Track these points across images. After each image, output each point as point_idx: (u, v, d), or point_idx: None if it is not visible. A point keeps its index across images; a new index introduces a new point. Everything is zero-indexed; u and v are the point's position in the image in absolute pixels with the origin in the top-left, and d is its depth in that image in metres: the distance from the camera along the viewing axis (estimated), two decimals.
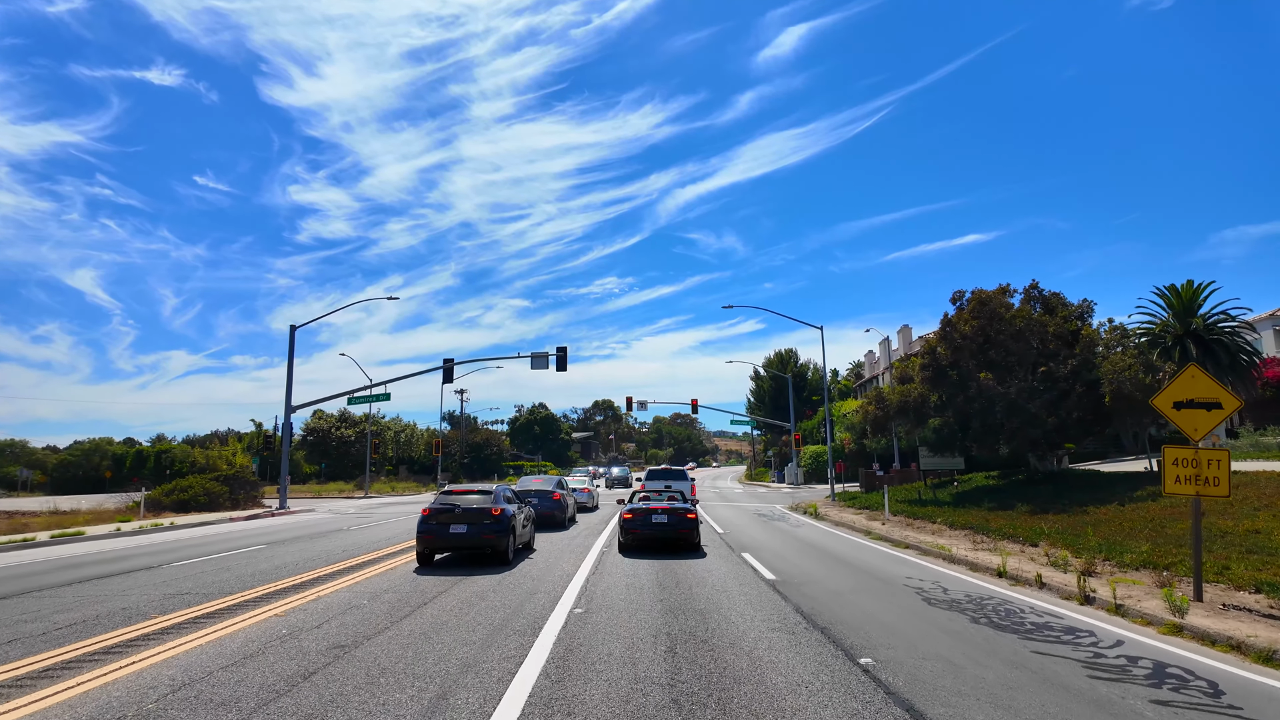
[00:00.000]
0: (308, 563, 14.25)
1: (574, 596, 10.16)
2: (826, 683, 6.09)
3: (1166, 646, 7.80)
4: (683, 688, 5.88)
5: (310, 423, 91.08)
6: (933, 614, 9.25)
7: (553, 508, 21.00)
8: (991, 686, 6.11)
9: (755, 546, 17.06)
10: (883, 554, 16.05)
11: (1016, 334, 28.13)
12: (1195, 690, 6.21)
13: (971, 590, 11.23)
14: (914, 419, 30.99)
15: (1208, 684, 6.41)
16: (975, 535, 19.22)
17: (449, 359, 35.31)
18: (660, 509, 16.93)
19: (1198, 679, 6.56)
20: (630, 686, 5.91)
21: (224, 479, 34.52)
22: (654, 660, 6.72)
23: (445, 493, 13.97)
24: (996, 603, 10.16)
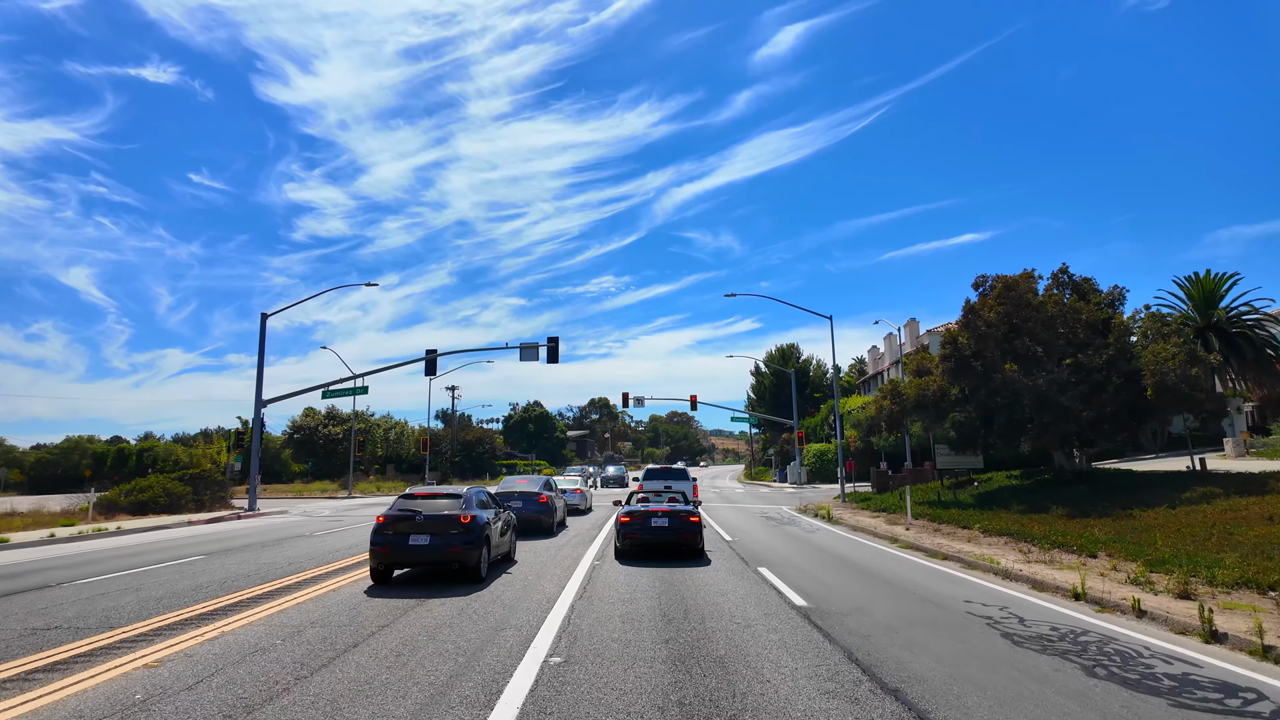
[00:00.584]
0: (240, 580, 11.89)
1: (553, 634, 7.83)
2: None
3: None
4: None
5: (297, 420, 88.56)
6: (1029, 661, 6.95)
7: (539, 511, 18.67)
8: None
9: (771, 557, 14.74)
10: (921, 567, 13.74)
11: (1047, 321, 25.87)
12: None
13: (1056, 621, 8.93)
14: (933, 414, 28.71)
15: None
16: (1018, 543, 16.95)
17: (432, 350, 32.97)
18: (660, 511, 14.97)
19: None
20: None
21: (189, 478, 32.08)
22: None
23: (406, 496, 11.63)
24: (1098, 641, 7.86)
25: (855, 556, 15.18)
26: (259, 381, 32.24)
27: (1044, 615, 9.25)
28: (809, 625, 8.34)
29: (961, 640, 7.76)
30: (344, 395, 33.96)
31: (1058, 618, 9.13)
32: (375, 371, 35.16)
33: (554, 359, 32.63)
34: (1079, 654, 7.27)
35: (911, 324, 60.63)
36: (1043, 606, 9.89)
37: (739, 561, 14.08)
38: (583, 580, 11.64)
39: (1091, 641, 7.84)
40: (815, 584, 11.35)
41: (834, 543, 17.99)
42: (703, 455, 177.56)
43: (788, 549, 16.42)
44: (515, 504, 18.65)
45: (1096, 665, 6.85)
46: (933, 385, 28.05)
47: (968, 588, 11.39)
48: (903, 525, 22.10)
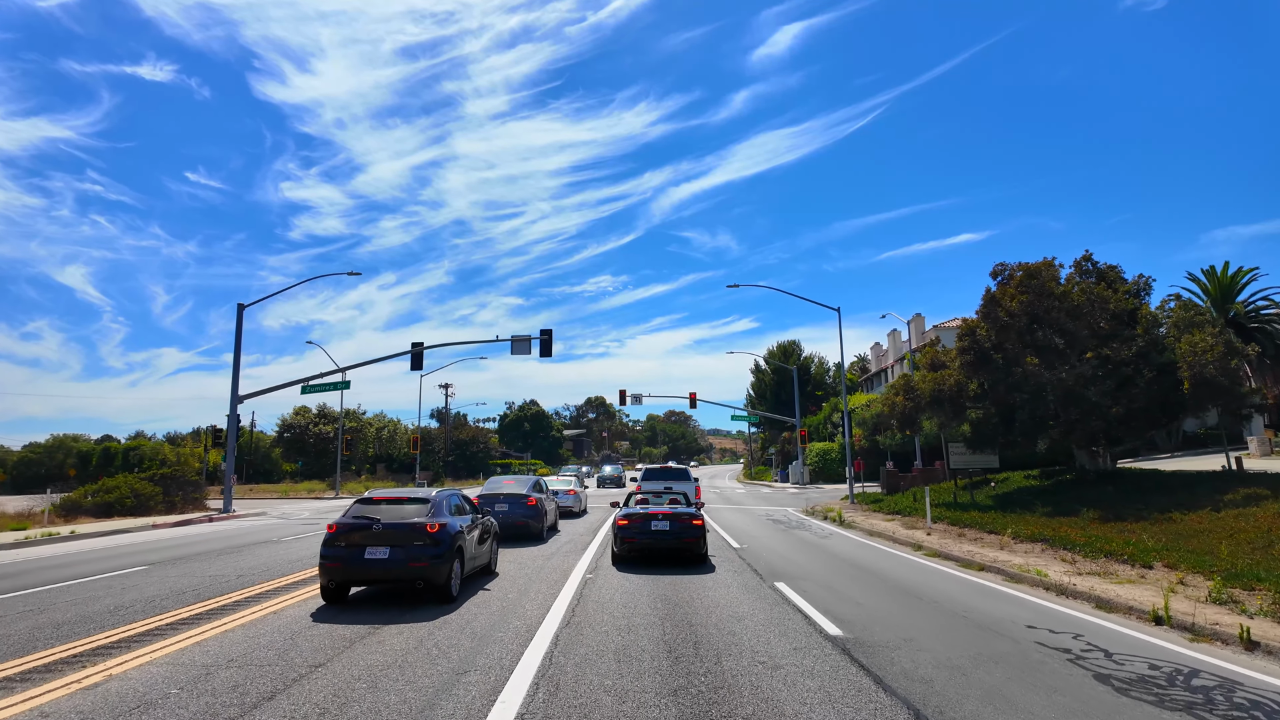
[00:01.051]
0: (172, 598, 10.19)
1: (529, 679, 6.15)
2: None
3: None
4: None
5: (288, 419, 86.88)
6: (1146, 717, 5.29)
7: (526, 515, 16.97)
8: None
9: (787, 569, 13.06)
10: (960, 581, 12.07)
11: (1072, 311, 24.23)
12: None
13: (1151, 655, 7.27)
14: (950, 410, 27.06)
15: None
16: (1057, 551, 15.31)
17: (418, 343, 31.24)
18: (661, 514, 13.64)
19: None
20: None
21: (159, 478, 30.32)
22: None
23: (364, 501, 9.92)
24: (1220, 686, 6.21)
25: (881, 567, 13.50)
26: (235, 376, 30.51)
27: (1131, 647, 7.59)
28: (852, 664, 6.66)
29: (1050, 686, 6.09)
30: (325, 390, 32.26)
31: (1150, 650, 7.47)
32: (358, 366, 33.45)
33: (547, 352, 30.94)
34: (1206, 707, 5.61)
35: (918, 319, 59.00)
36: (1123, 634, 8.23)
37: (751, 574, 12.38)
38: (572, 599, 9.95)
39: (1212, 687, 6.18)
40: (846, 604, 9.66)
41: (852, 550, 16.32)
42: (700, 455, 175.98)
43: (803, 558, 14.74)
44: (501, 507, 16.97)
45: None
46: (950, 380, 26.41)
47: (1023, 608, 9.72)
48: (922, 530, 20.46)
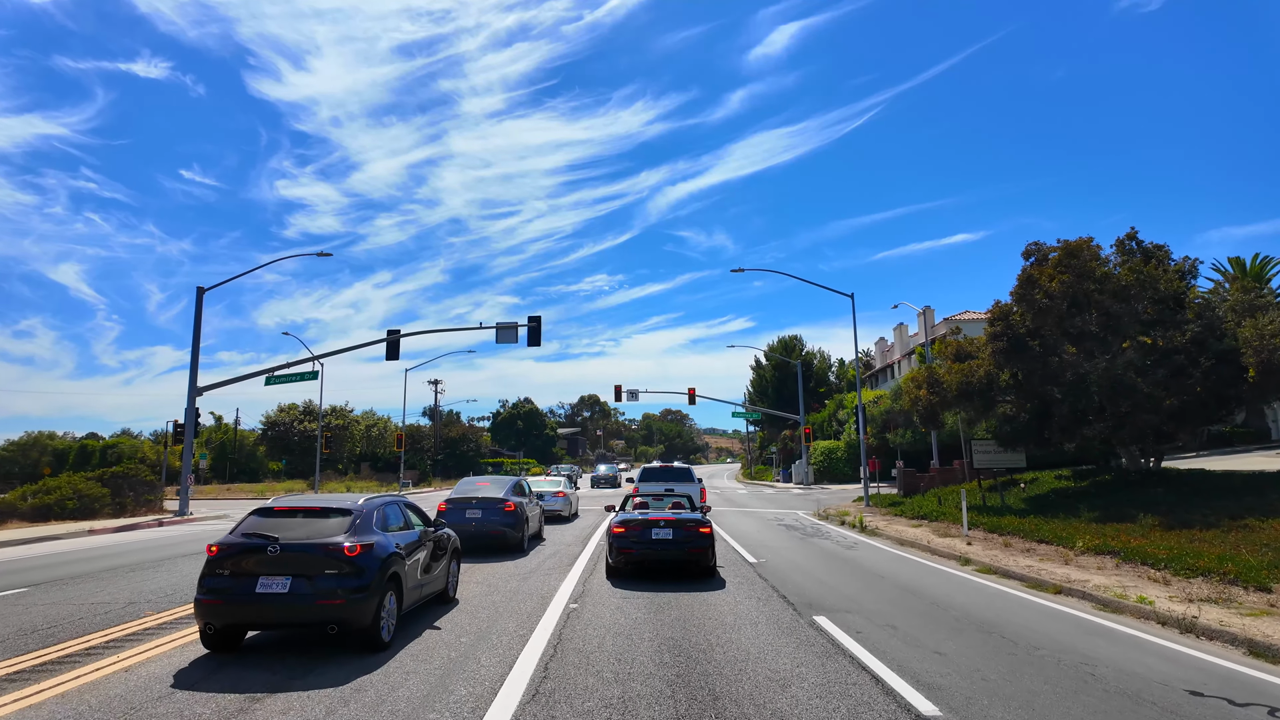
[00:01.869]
0: (15, 640, 7.58)
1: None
2: None
3: None
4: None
5: (272, 416, 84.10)
6: None
7: (503, 523, 14.36)
8: None
9: (823, 594, 10.47)
10: (1044, 611, 9.51)
11: (1119, 293, 21.71)
12: None
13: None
14: (979, 405, 24.55)
15: None
16: (1137, 566, 12.79)
17: (394, 330, 28.61)
18: (662, 520, 11.61)
19: None
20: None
21: (109, 478, 27.63)
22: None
23: (262, 512, 7.29)
24: None
25: (936, 590, 10.94)
26: (193, 366, 27.81)
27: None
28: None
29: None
30: (292, 380, 29.56)
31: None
32: (331, 354, 30.83)
33: (535, 341, 28.33)
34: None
35: (927, 312, 56.48)
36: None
37: (780, 602, 9.79)
38: (547, 646, 7.35)
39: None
40: (921, 655, 7.08)
41: (889, 565, 13.77)
42: (696, 454, 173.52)
43: (836, 577, 12.17)
44: (472, 514, 14.36)
45: None
46: (979, 370, 23.89)
47: (1158, 657, 7.17)
48: (959, 538, 17.95)
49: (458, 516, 14.34)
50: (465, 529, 14.29)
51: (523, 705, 5.48)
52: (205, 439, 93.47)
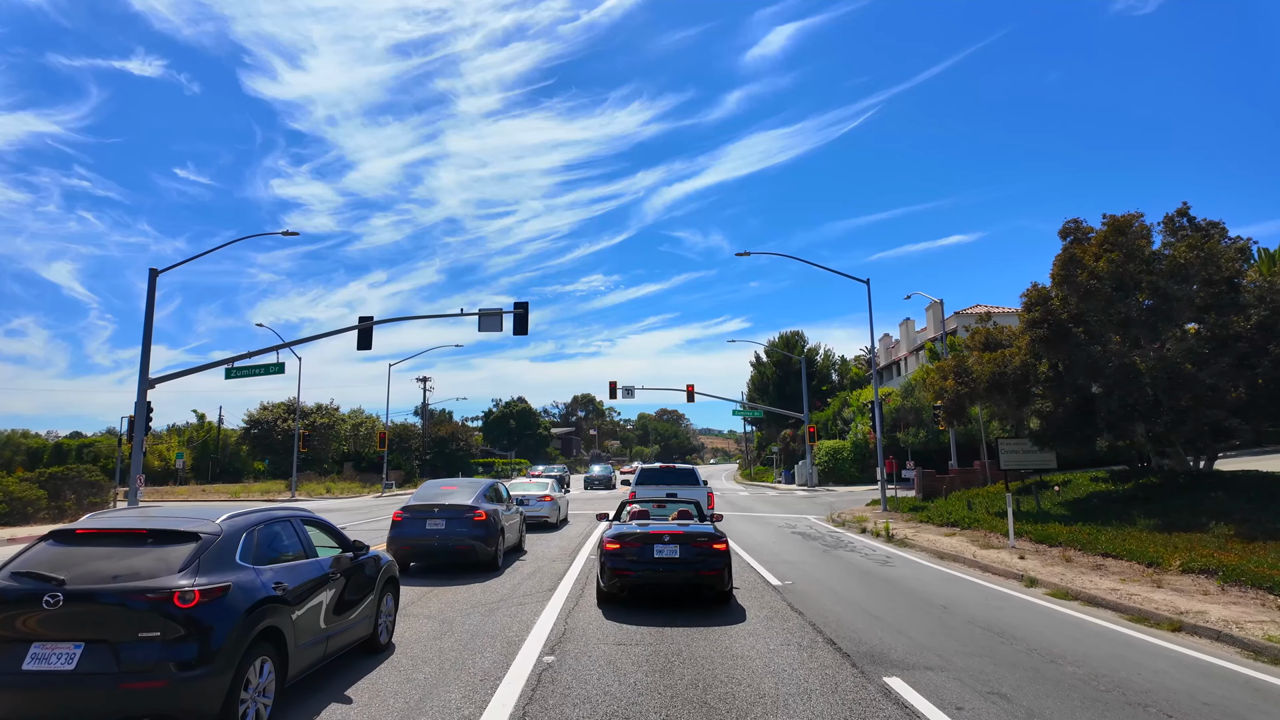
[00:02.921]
0: None
1: None
2: None
3: None
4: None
5: (255, 414, 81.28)
6: None
7: (471, 537, 11.82)
8: None
9: (878, 633, 8.00)
10: (1190, 665, 7.06)
11: (1175, 272, 19.32)
12: None
13: None
14: (1013, 398, 22.16)
15: None
16: (1249, 590, 10.39)
17: (366, 317, 26.08)
18: (667, 535, 9.23)
19: None
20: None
21: (46, 479, 25.05)
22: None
23: (58, 538, 4.78)
24: None
25: (1023, 628, 8.46)
26: (144, 356, 25.21)
27: None
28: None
29: None
30: (256, 373, 27.02)
31: None
32: (300, 342, 28.33)
33: (522, 329, 25.82)
34: None
35: (936, 305, 54.13)
36: None
37: (827, 649, 7.31)
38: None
39: None
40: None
41: (940, 587, 11.31)
42: (692, 454, 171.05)
43: (884, 605, 9.70)
44: (434, 524, 11.85)
45: None
46: (1015, 360, 21.48)
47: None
48: (1005, 550, 15.58)
49: (416, 528, 11.84)
50: (426, 543, 11.80)
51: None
52: (188, 438, 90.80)
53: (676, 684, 6.08)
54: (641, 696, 5.75)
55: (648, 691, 5.87)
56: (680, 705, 5.54)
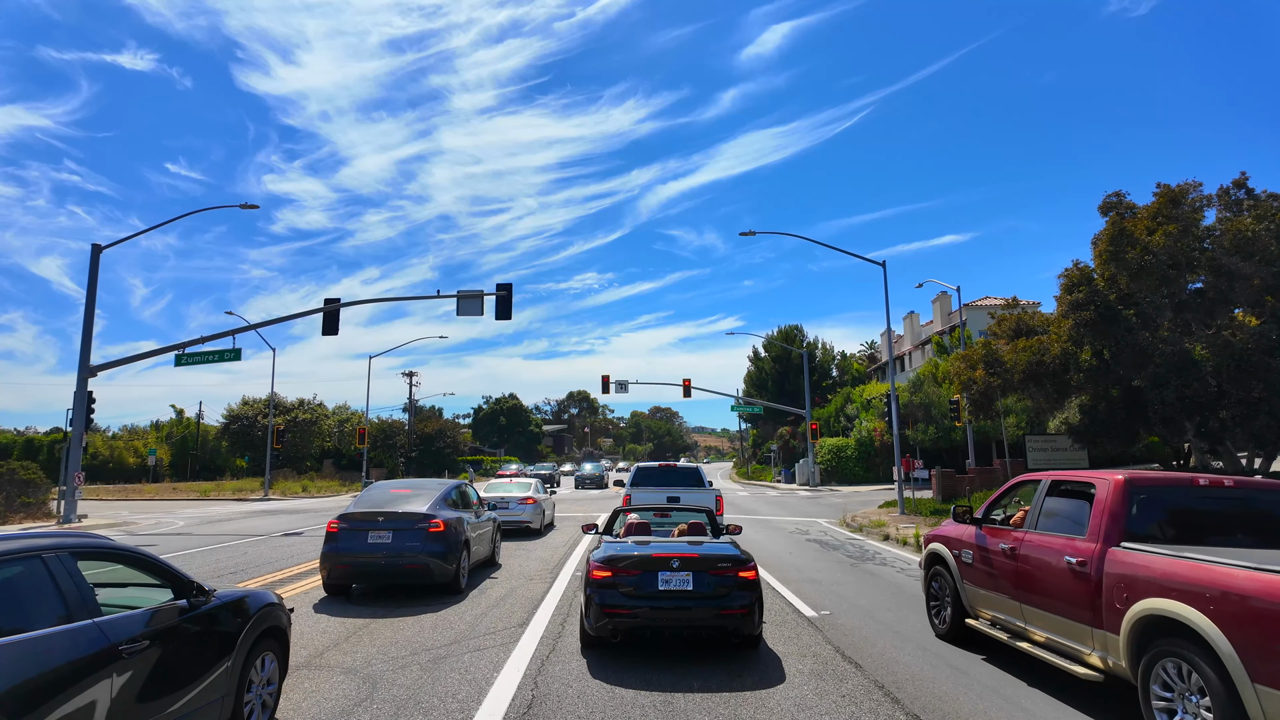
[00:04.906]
0: None
1: None
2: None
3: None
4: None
5: (234, 409, 78.52)
6: None
7: (425, 552, 9.41)
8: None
9: (983, 707, 5.67)
10: None
11: (1239, 247, 17.10)
12: None
13: None
14: (1052, 390, 19.91)
15: None
16: None
17: (332, 300, 23.60)
18: (676, 558, 6.82)
19: None
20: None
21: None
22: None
23: None
24: None
25: None
26: (85, 342, 22.72)
27: None
28: None
29: None
30: (210, 360, 24.43)
31: None
32: (261, 325, 25.93)
33: (505, 313, 23.42)
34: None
35: (943, 298, 52.10)
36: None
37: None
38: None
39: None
40: None
41: None
42: (686, 452, 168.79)
43: (962, 652, 7.38)
44: (380, 537, 9.45)
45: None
46: (1054, 348, 19.22)
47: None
48: None
49: (356, 542, 9.44)
50: (367, 562, 9.41)
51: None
52: (165, 434, 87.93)
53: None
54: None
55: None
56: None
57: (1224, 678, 4.22)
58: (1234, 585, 4.31)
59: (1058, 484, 6.54)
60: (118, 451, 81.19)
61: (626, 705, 5.56)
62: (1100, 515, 5.64)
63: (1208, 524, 5.71)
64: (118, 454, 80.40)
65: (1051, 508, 6.42)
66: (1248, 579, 4.25)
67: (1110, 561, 5.34)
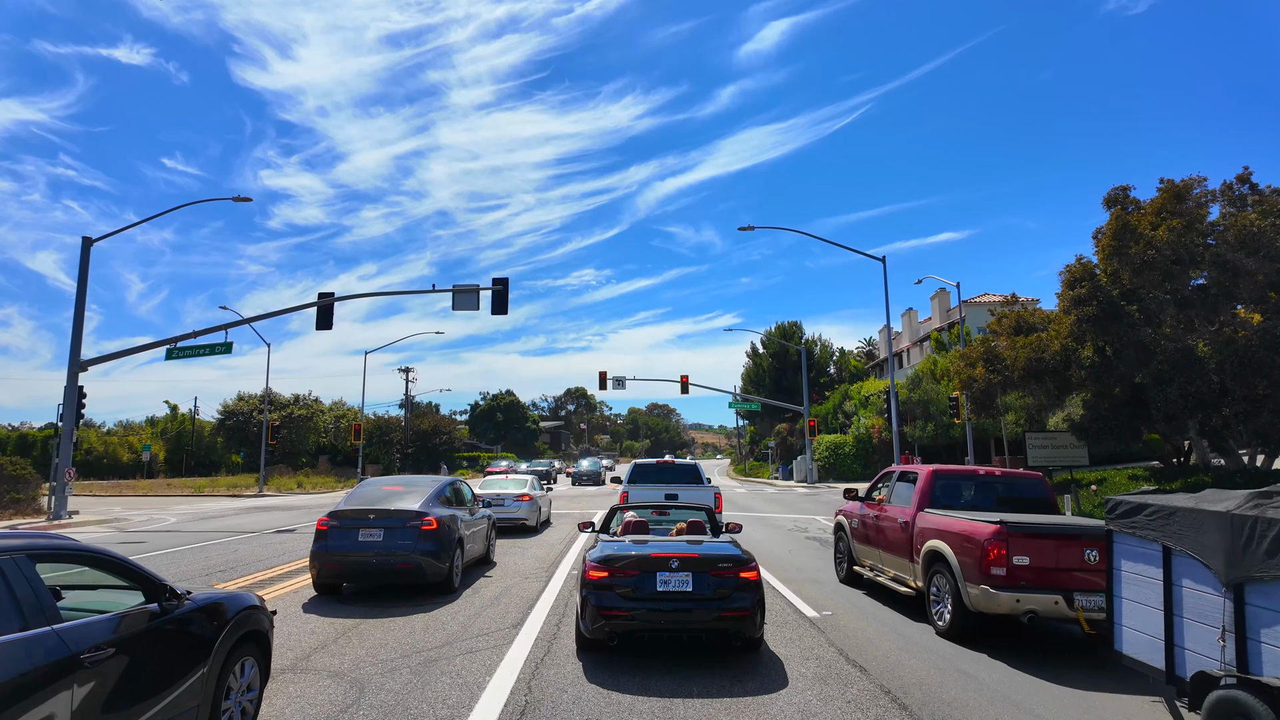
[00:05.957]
0: None
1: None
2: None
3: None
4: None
5: (229, 405, 78.22)
6: None
7: (417, 551, 9.16)
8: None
9: (993, 711, 5.47)
10: None
11: (1244, 243, 16.91)
12: None
13: None
14: (1053, 387, 19.73)
15: None
16: None
17: (326, 293, 23.32)
18: (675, 558, 6.63)
19: None
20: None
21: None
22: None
23: None
24: None
25: None
26: (75, 335, 22.44)
27: None
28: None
29: None
30: (200, 354, 24.14)
31: None
32: (251, 320, 25.61)
33: (502, 309, 23.17)
34: None
35: (942, 295, 51.97)
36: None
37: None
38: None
39: None
40: None
41: None
42: (683, 449, 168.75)
43: (971, 657, 7.18)
44: (371, 535, 9.23)
45: None
46: (1054, 345, 19.04)
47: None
48: None
49: (346, 541, 9.21)
50: (358, 561, 9.18)
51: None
52: (160, 430, 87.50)
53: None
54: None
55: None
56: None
57: (954, 581, 7.46)
58: (958, 529, 7.62)
59: (904, 473, 9.63)
60: (112, 447, 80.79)
61: (624, 711, 5.34)
62: (917, 493, 8.87)
63: (979, 499, 8.90)
64: (112, 450, 80.00)
65: (898, 489, 9.48)
66: (963, 525, 7.59)
67: (918, 521, 8.55)
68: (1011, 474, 9.58)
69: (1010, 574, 6.90)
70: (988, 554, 6.99)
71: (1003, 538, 6.96)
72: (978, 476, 9.17)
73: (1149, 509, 5.27)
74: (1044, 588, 6.87)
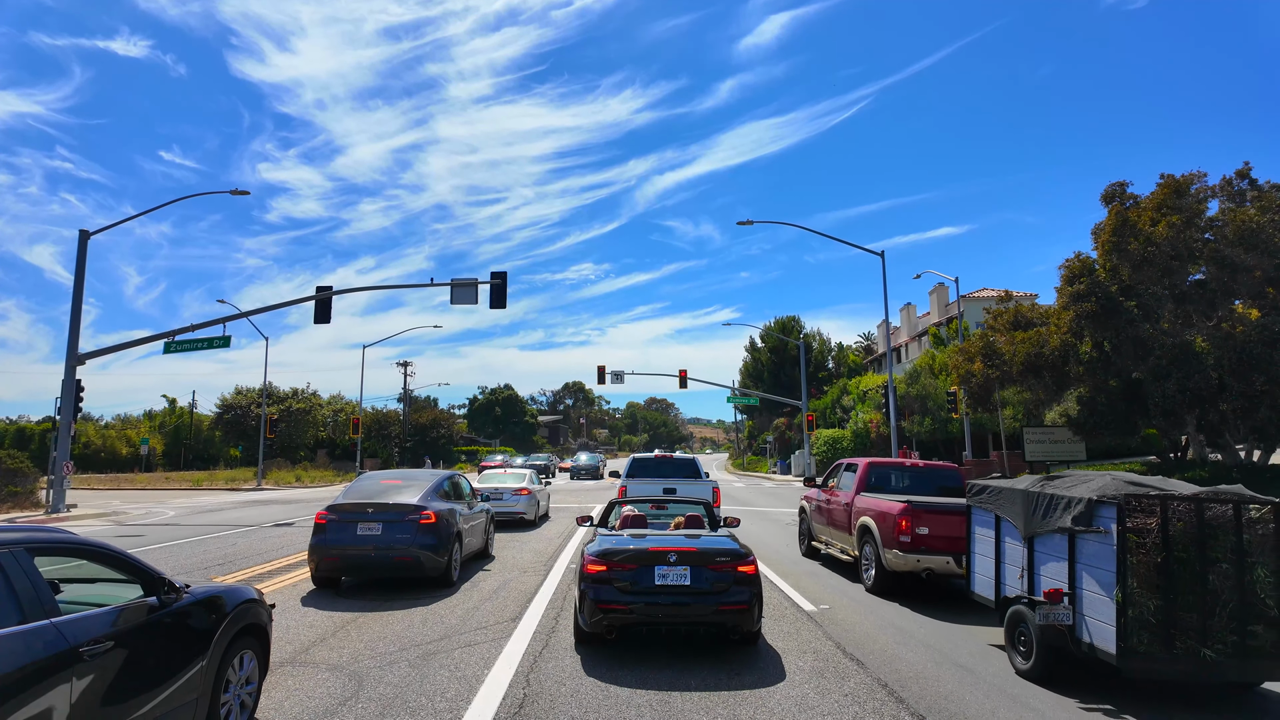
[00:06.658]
0: None
1: None
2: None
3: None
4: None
5: (228, 399, 78.18)
6: None
7: (416, 544, 9.19)
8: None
9: (988, 705, 5.50)
10: None
11: (1243, 238, 16.92)
12: None
13: None
14: (1051, 382, 19.77)
15: None
16: None
17: (324, 287, 23.33)
18: (674, 553, 6.62)
19: None
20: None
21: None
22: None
23: None
24: None
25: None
26: (73, 328, 22.40)
27: None
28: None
29: None
30: (198, 348, 24.09)
31: None
32: (253, 313, 25.61)
33: (500, 302, 23.14)
34: None
35: (940, 289, 51.95)
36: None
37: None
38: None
39: None
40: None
41: None
42: (681, 443, 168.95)
43: (971, 652, 7.22)
44: (369, 529, 9.24)
45: None
46: (1053, 340, 19.07)
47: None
48: None
49: (345, 534, 9.23)
50: (356, 554, 9.20)
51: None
52: (158, 423, 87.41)
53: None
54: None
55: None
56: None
57: (876, 547, 9.53)
58: (880, 508, 9.66)
59: (849, 464, 11.72)
60: (110, 441, 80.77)
61: (621, 705, 5.36)
62: (856, 480, 10.95)
63: (906, 484, 11.20)
64: (110, 443, 79.97)
65: (844, 478, 11.61)
66: (884, 504, 9.64)
67: (855, 502, 10.61)
68: (933, 465, 11.97)
69: (914, 541, 8.94)
70: (899, 525, 9.02)
71: (909, 513, 9.02)
72: (905, 467, 11.56)
73: (989, 489, 7.26)
74: (939, 551, 8.84)
